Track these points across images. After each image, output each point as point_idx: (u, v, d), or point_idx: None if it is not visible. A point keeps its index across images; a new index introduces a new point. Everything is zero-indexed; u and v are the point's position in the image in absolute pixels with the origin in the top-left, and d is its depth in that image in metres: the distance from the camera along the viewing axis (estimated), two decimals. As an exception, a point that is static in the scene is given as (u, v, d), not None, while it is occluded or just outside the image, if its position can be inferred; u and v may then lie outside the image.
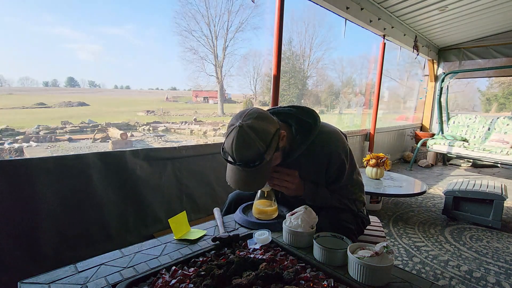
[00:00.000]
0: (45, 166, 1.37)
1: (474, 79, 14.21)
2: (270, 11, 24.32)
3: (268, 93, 26.09)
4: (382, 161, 2.76)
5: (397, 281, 0.70)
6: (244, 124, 0.83)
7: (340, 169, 1.00)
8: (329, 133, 1.00)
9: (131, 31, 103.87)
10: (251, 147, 0.82)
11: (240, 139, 0.82)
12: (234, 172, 0.89)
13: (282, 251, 0.82)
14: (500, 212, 2.37)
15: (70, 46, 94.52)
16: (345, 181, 1.02)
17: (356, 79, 25.25)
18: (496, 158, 3.90)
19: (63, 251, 1.42)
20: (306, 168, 1.01)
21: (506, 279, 1.70)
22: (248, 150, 0.83)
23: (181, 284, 0.65)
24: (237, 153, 0.83)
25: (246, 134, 0.82)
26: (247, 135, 0.82)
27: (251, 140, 0.82)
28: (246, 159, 0.84)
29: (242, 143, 0.82)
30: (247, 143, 0.82)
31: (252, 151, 0.83)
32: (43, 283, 0.66)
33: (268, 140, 0.85)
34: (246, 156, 0.83)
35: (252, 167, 0.84)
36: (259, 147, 0.83)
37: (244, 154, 0.83)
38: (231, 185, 0.90)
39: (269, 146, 0.85)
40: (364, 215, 1.13)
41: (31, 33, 78.38)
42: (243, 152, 0.83)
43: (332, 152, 0.97)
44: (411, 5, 3.37)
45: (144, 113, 22.37)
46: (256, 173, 0.87)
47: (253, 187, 0.93)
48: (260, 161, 0.84)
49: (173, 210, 1.89)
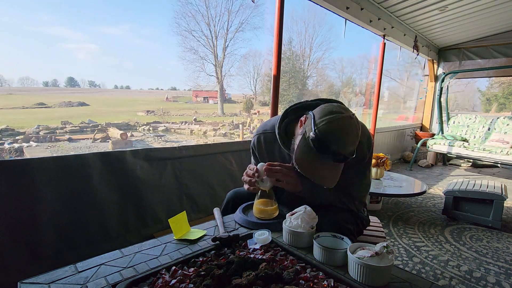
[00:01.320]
0: (45, 166, 1.37)
1: (474, 79, 14.22)
2: (270, 11, 24.30)
3: (268, 93, 26.10)
4: (382, 161, 2.76)
5: (397, 281, 0.70)
6: (352, 115, 0.81)
7: (358, 161, 0.97)
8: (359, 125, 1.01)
9: (130, 31, 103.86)
10: (357, 135, 0.82)
11: (354, 129, 0.80)
12: (330, 169, 0.82)
13: (282, 251, 0.82)
14: (500, 212, 2.37)
15: (67, 46, 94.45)
16: (354, 175, 1.00)
17: (356, 79, 25.29)
18: (496, 158, 3.90)
19: (63, 251, 1.42)
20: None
21: (506, 279, 1.70)
22: (357, 139, 0.82)
23: (181, 284, 0.65)
24: (352, 145, 0.80)
25: (355, 123, 0.81)
26: (355, 124, 0.81)
27: (357, 129, 0.81)
28: (353, 152, 0.81)
29: (356, 132, 0.80)
30: (355, 133, 0.81)
31: (357, 139, 0.82)
32: (43, 283, 0.66)
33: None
34: (356, 144, 0.81)
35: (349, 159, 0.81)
36: (359, 133, 0.83)
37: (355, 143, 0.81)
38: (327, 185, 0.84)
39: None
40: (364, 215, 1.13)
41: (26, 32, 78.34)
42: (355, 141, 0.81)
43: (361, 144, 0.95)
44: (411, 5, 3.37)
45: (144, 113, 22.38)
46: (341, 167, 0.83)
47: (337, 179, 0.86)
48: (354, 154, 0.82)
49: (173, 210, 1.89)
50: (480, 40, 4.92)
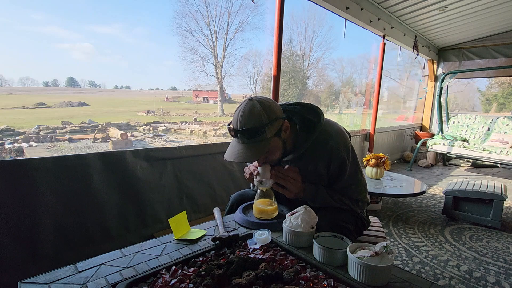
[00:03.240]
0: (45, 166, 1.37)
1: (474, 79, 14.22)
2: (270, 11, 24.30)
3: (268, 93, 26.05)
4: (382, 161, 2.76)
5: (397, 281, 0.70)
6: (253, 98, 0.92)
7: (341, 166, 1.00)
8: (331, 130, 1.02)
9: (133, 30, 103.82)
10: (255, 117, 0.88)
11: (247, 108, 0.89)
12: (233, 146, 0.93)
13: (282, 251, 0.82)
14: (499, 212, 2.37)
15: (64, 46, 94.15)
16: (348, 180, 1.02)
17: (356, 79, 25.25)
18: (496, 158, 3.90)
19: (63, 251, 1.42)
20: (309, 166, 1.01)
21: (505, 279, 1.70)
22: (251, 119, 0.88)
23: (181, 284, 0.65)
24: (241, 121, 0.89)
25: (253, 105, 0.89)
26: (253, 107, 0.89)
27: (256, 111, 0.88)
28: (249, 127, 0.88)
29: (248, 112, 0.88)
30: (252, 113, 0.88)
31: (255, 121, 0.88)
32: (43, 283, 0.66)
33: (273, 117, 0.90)
34: (249, 124, 0.88)
35: (252, 139, 0.89)
36: (262, 119, 0.88)
37: (247, 122, 0.88)
38: (227, 158, 0.93)
39: (272, 123, 0.90)
40: (364, 216, 1.13)
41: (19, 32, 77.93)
42: (247, 120, 0.88)
43: (332, 149, 0.98)
44: (411, 5, 3.37)
45: (144, 113, 22.37)
46: (253, 147, 0.90)
47: (247, 158, 0.91)
48: (260, 134, 0.88)
49: (173, 210, 1.89)
50: (480, 40, 4.92)
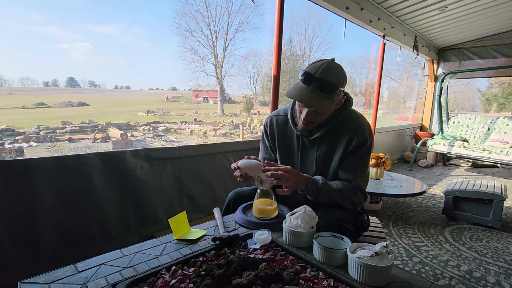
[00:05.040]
0: (45, 166, 1.37)
1: (474, 79, 14.22)
2: (270, 11, 24.27)
3: (268, 93, 26.09)
4: (382, 161, 2.76)
5: (397, 281, 0.70)
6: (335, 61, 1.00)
7: (361, 145, 1.06)
8: (359, 114, 1.12)
9: (131, 30, 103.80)
10: (335, 75, 0.96)
11: (332, 65, 0.97)
12: (300, 89, 0.98)
13: (282, 251, 0.82)
14: (499, 212, 2.37)
15: (63, 46, 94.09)
16: (360, 159, 1.07)
17: (356, 79, 25.25)
18: (496, 158, 3.90)
19: (63, 251, 1.42)
20: (330, 143, 1.09)
21: (505, 279, 1.70)
22: (332, 75, 0.96)
23: (181, 284, 0.65)
24: (322, 71, 0.95)
25: (338, 66, 0.98)
26: (338, 67, 0.98)
27: (339, 71, 0.98)
28: (328, 80, 0.95)
29: (332, 68, 0.96)
30: (334, 71, 0.97)
31: (334, 78, 0.96)
32: (43, 283, 0.66)
33: (344, 86, 1.00)
34: (329, 77, 0.95)
35: (322, 92, 0.95)
36: (340, 81, 0.97)
37: (328, 75, 0.95)
38: (293, 96, 0.99)
39: (343, 87, 0.99)
40: (364, 219, 1.13)
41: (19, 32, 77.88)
42: (328, 73, 0.95)
43: (359, 128, 1.07)
44: (411, 5, 3.37)
45: (144, 113, 22.38)
46: (322, 99, 0.97)
47: (314, 105, 0.97)
48: (331, 92, 0.96)
49: (173, 210, 1.89)
50: (480, 40, 4.92)
